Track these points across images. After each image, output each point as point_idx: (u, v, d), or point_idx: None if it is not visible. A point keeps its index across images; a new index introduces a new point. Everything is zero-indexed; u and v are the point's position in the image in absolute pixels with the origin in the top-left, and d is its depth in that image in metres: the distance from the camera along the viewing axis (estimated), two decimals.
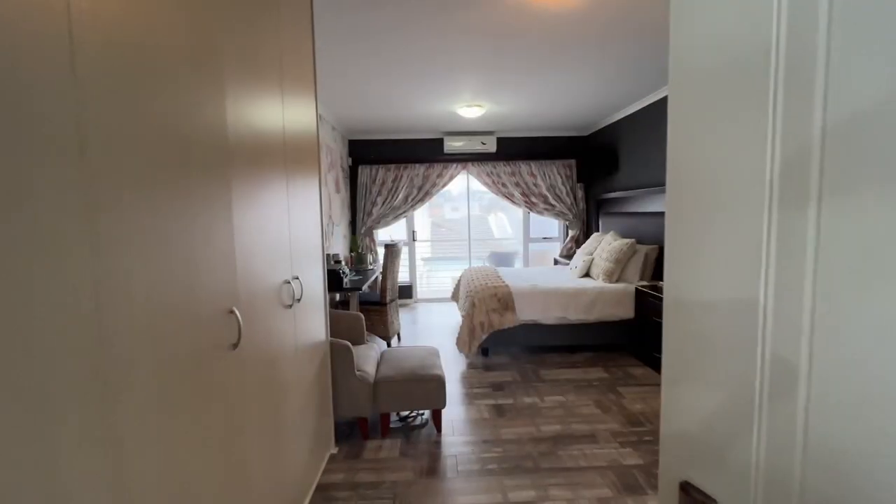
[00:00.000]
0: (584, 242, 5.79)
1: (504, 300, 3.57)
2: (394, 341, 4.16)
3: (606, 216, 5.00)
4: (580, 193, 5.83)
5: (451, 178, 5.73)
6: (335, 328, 2.76)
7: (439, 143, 5.75)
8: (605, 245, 4.12)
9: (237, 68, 1.30)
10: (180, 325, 0.97)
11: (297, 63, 1.89)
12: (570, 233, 5.88)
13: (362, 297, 3.94)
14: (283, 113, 1.70)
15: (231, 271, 1.22)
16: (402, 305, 5.82)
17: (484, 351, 3.75)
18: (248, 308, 1.31)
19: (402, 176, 5.67)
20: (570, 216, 5.81)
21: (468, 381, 3.22)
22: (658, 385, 2.98)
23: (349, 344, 2.43)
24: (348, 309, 3.41)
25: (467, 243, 6.40)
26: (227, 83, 1.22)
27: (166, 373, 0.92)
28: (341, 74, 3.46)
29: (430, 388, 2.43)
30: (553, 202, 5.78)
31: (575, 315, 3.61)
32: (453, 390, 3.07)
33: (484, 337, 3.55)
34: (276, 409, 1.58)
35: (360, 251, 4.27)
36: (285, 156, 1.72)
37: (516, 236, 6.80)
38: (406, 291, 5.96)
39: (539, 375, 3.28)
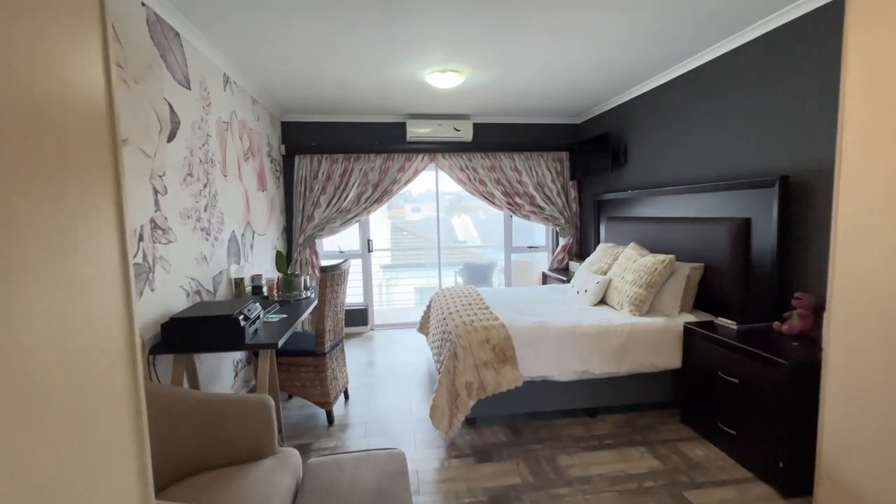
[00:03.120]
0: (577, 252, 4.77)
1: (500, 349, 2.42)
2: (338, 405, 2.90)
3: (611, 222, 4.00)
4: (573, 193, 4.81)
5: (416, 172, 4.54)
6: (211, 433, 1.50)
7: (401, 128, 4.53)
8: (626, 262, 3.08)
9: None
10: None
11: None
12: (561, 241, 4.85)
13: (290, 344, 2.66)
14: None
15: None
16: (353, 336, 4.55)
17: (470, 420, 2.59)
18: None
19: (352, 169, 4.41)
20: (562, 221, 4.78)
21: (451, 489, 2.03)
22: (746, 480, 1.93)
23: None
24: (268, 367, 2.12)
25: (436, 251, 5.22)
26: None
27: None
28: (262, 23, 2.19)
29: None
30: (541, 203, 4.72)
31: (601, 367, 2.53)
32: None
33: (472, 404, 2.39)
34: None
35: (289, 273, 3.00)
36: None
37: (494, 242, 5.75)
38: (359, 317, 4.69)
39: (558, 468, 2.16)
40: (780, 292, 2.33)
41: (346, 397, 3.01)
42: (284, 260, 3.04)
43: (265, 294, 3.03)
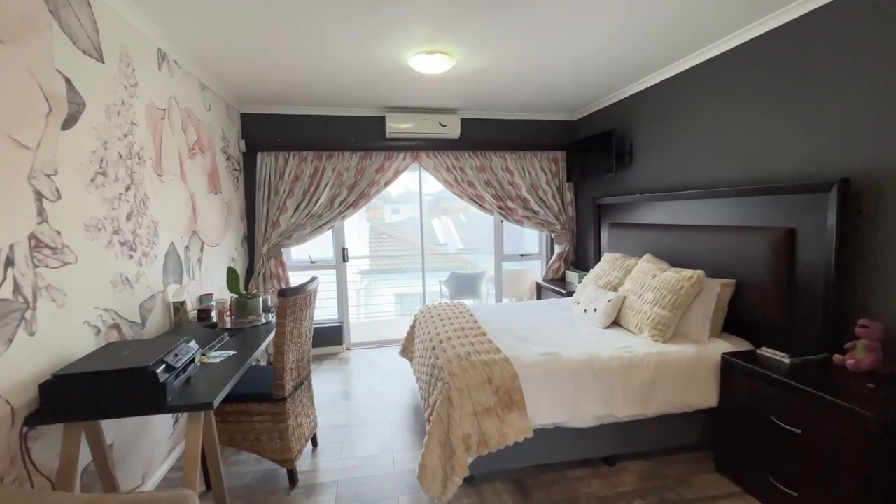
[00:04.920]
0: (574, 261, 4.37)
1: (506, 391, 1.96)
2: (305, 454, 2.37)
3: (615, 229, 3.60)
4: (569, 197, 4.40)
5: (397, 173, 4.04)
6: None
7: (380, 123, 4.03)
8: (642, 277, 2.66)
9: None
10: None
11: None
12: (557, 249, 4.43)
13: (241, 385, 2.13)
14: None
15: None
16: (326, 357, 4.01)
17: (468, 478, 2.11)
18: None
19: (324, 169, 3.87)
20: (558, 227, 4.36)
21: None
22: None
23: None
24: (199, 438, 1.58)
25: (419, 256, 4.74)
26: None
27: None
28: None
29: None
30: (535, 207, 4.29)
31: (625, 409, 2.09)
32: None
33: (470, 461, 1.91)
34: None
35: (244, 293, 2.47)
36: None
37: (480, 248, 5.32)
38: (333, 335, 4.15)
39: None
40: (835, 318, 1.95)
41: (315, 444, 2.49)
42: (237, 277, 2.50)
43: (213, 320, 2.48)
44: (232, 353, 1.94)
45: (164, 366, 1.46)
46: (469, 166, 4.14)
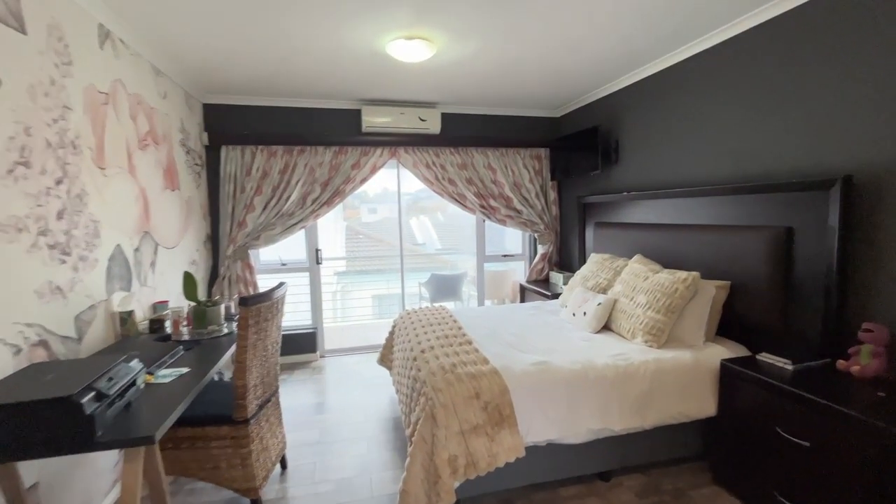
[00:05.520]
0: (557, 261, 4.26)
1: (495, 406, 1.78)
2: (271, 483, 2.13)
3: (601, 229, 3.49)
4: (552, 195, 4.28)
5: (374, 169, 3.82)
6: None
7: (355, 116, 3.80)
8: (633, 279, 2.55)
9: None
10: None
11: None
12: (540, 249, 4.31)
13: (196, 406, 1.88)
14: None
15: None
16: (298, 366, 3.76)
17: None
18: None
19: (295, 165, 3.61)
20: (541, 226, 4.24)
21: None
22: None
23: None
24: (137, 479, 1.34)
25: (397, 257, 4.54)
26: None
27: None
28: None
29: None
30: (519, 206, 4.15)
31: (621, 421, 1.95)
32: None
33: (457, 485, 1.73)
34: None
35: (203, 301, 2.21)
36: None
37: (460, 248, 5.14)
38: (306, 342, 3.90)
39: None
40: (836, 321, 1.87)
41: (283, 466, 2.26)
42: (194, 283, 2.24)
43: (168, 332, 2.21)
44: (185, 370, 1.70)
45: (92, 393, 1.22)
46: (450, 163, 3.96)
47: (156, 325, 2.24)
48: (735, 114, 2.40)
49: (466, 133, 4.06)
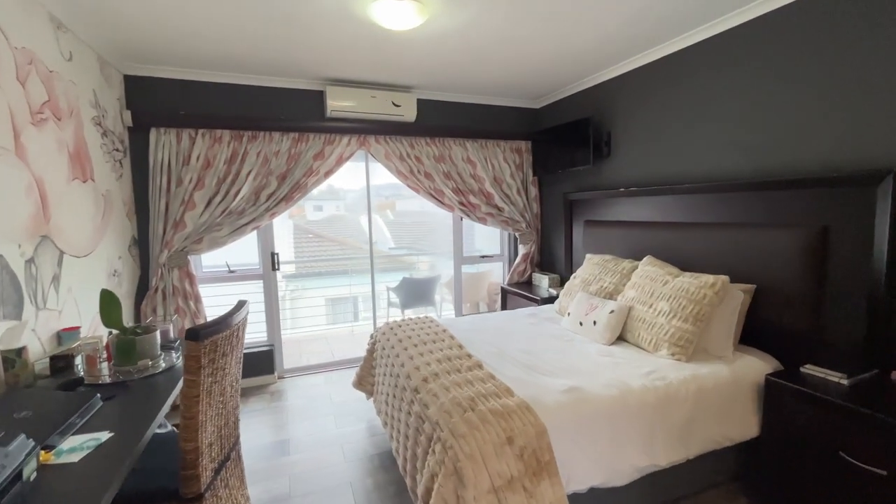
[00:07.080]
0: (538, 261, 4.01)
1: (532, 452, 1.43)
2: None
3: (591, 227, 3.26)
4: (533, 192, 4.02)
5: (341, 160, 3.32)
6: None
7: (318, 98, 3.28)
8: (648, 283, 2.30)
9: None
10: None
11: None
12: (521, 249, 4.03)
13: (132, 482, 1.34)
14: None
15: None
16: (255, 391, 3.18)
17: None
18: None
19: (246, 153, 3.03)
20: (523, 225, 3.95)
21: None
22: None
23: None
24: None
25: (360, 258, 4.05)
26: None
27: None
28: None
29: None
30: (500, 203, 3.84)
31: (666, 454, 1.68)
32: None
33: None
34: None
35: (127, 328, 1.65)
36: None
37: (430, 248, 4.75)
38: (262, 362, 3.33)
39: None
40: (885, 328, 1.71)
41: None
42: (117, 304, 1.67)
43: (79, 373, 1.63)
44: (104, 436, 1.18)
45: None
46: (426, 155, 3.55)
47: (60, 363, 1.65)
48: (745, 102, 2.22)
49: (444, 122, 3.68)
